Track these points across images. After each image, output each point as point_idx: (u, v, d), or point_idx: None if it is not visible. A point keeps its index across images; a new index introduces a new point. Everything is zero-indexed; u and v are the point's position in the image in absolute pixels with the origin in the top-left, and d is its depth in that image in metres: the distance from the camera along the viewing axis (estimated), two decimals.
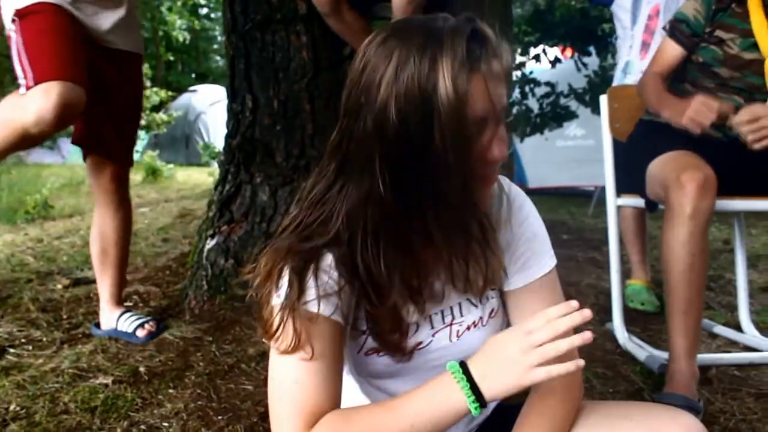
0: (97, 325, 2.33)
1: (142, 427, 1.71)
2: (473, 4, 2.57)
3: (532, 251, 1.03)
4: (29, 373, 1.97)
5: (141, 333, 2.23)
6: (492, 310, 1.05)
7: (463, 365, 0.86)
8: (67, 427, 1.68)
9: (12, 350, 2.14)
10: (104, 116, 2.17)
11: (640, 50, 2.88)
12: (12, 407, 1.77)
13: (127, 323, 2.26)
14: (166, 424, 1.72)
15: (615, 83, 3.06)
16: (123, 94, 2.22)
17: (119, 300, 2.37)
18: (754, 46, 2.08)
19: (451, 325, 1.02)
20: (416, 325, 1.00)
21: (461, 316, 1.03)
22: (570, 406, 1.00)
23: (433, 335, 1.02)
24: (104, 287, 2.34)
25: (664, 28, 2.31)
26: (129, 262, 3.24)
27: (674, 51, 2.21)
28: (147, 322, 2.27)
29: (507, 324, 1.09)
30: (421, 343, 1.01)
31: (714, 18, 2.14)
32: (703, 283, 1.90)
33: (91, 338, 2.22)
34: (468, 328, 1.03)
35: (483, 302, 1.04)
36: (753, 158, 1.99)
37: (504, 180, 1.03)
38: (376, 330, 0.96)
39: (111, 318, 2.30)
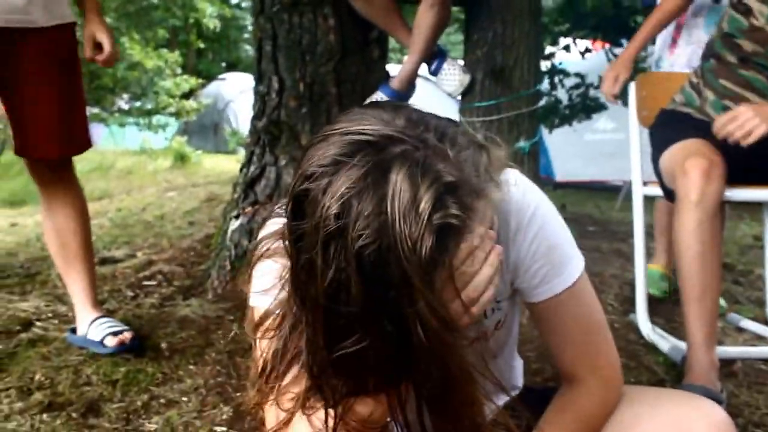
0: (74, 331, 2.07)
1: (162, 400, 1.73)
2: None
3: (551, 264, 0.93)
4: (54, 345, 2.00)
5: (110, 342, 1.93)
6: (498, 322, 1.02)
7: None
8: (89, 398, 1.71)
9: (38, 323, 2.18)
10: (23, 108, 1.90)
11: (669, 45, 2.84)
12: (37, 377, 1.80)
13: (98, 330, 1.98)
14: (185, 398, 1.74)
15: None
16: (46, 77, 1.90)
17: (94, 302, 2.09)
18: None
19: None
20: None
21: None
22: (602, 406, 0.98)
23: None
24: (74, 287, 2.07)
25: None
26: (154, 244, 3.31)
27: None
28: (122, 332, 1.97)
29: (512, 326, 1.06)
30: None
31: None
32: (717, 270, 1.86)
33: (115, 313, 2.24)
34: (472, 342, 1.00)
35: (488, 316, 0.99)
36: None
37: (511, 185, 0.83)
38: None
39: (85, 322, 2.03)
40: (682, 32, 2.79)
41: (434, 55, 2.49)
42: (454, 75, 2.49)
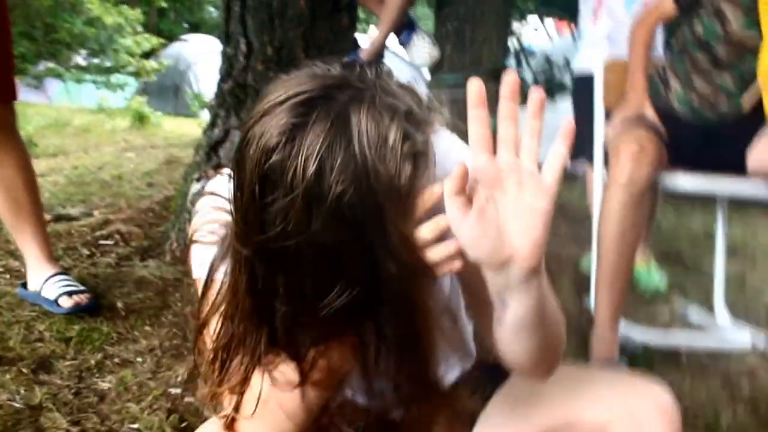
0: (24, 286, 2.01)
1: (116, 360, 1.72)
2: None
3: None
4: (6, 299, 1.96)
5: (66, 303, 1.90)
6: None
7: None
8: (41, 355, 1.68)
9: None
10: None
11: (591, 17, 2.88)
12: None
13: (53, 288, 1.93)
14: (140, 359, 1.73)
15: (576, 51, 3.09)
16: None
17: (49, 256, 2.03)
18: (756, 26, 1.99)
19: None
20: None
21: None
22: None
23: None
24: (26, 242, 2.00)
25: None
26: (111, 203, 3.25)
27: (670, 8, 2.21)
28: (78, 292, 1.93)
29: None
30: None
31: None
32: (633, 253, 1.98)
33: (70, 271, 2.19)
34: None
35: None
36: (734, 143, 2.06)
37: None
38: None
39: (38, 278, 1.96)
40: (602, 3, 2.83)
41: (404, 26, 2.48)
42: (423, 47, 2.49)
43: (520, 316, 0.76)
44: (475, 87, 0.68)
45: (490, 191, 0.69)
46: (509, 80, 0.69)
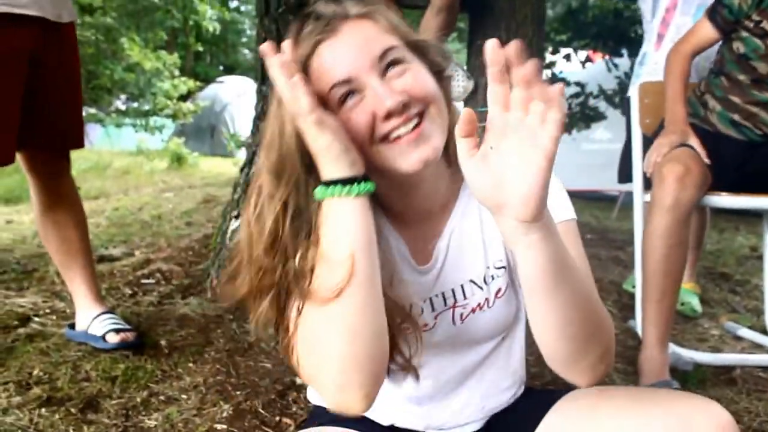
0: (72, 327, 2.05)
1: (161, 397, 1.72)
2: (505, 2, 2.55)
3: (552, 202, 0.92)
4: (53, 341, 1.99)
5: (113, 338, 1.93)
6: (498, 290, 1.03)
7: None
8: (88, 394, 1.69)
9: (37, 319, 2.17)
10: (42, 99, 1.85)
11: (655, 42, 2.85)
12: (35, 372, 1.79)
13: (101, 325, 1.97)
14: (184, 396, 1.73)
15: (633, 76, 3.04)
16: (59, 69, 1.90)
17: (97, 296, 2.08)
18: None
19: (453, 308, 1.02)
20: (419, 307, 1.00)
21: (464, 298, 1.02)
22: None
23: (435, 318, 1.01)
24: (76, 282, 2.06)
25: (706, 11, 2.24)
26: (152, 243, 3.30)
27: (709, 34, 2.18)
28: (125, 330, 1.97)
29: (516, 305, 1.07)
30: (426, 325, 1.00)
31: (761, 3, 2.06)
32: (679, 274, 1.96)
33: (114, 310, 2.23)
34: (473, 310, 1.02)
35: (487, 282, 1.02)
36: None
37: None
38: None
39: (87, 318, 2.01)
40: (669, 28, 2.80)
41: None
42: (457, 80, 2.49)
43: (526, 274, 0.81)
44: (492, 46, 0.71)
45: (497, 141, 0.74)
46: (511, 47, 0.72)
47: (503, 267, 1.03)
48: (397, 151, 0.87)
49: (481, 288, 1.02)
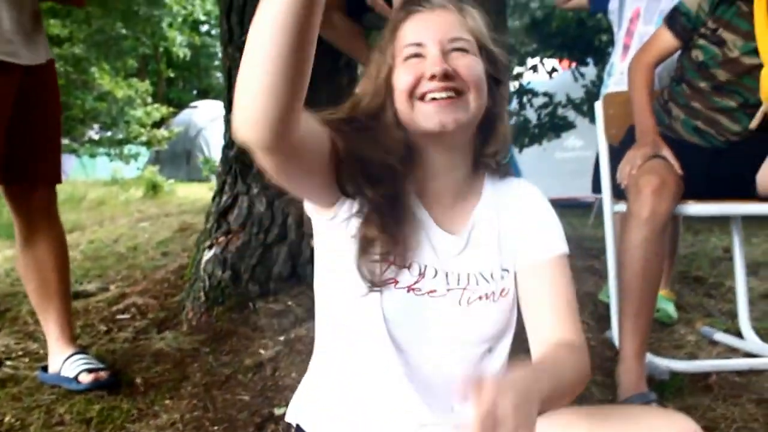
0: (45, 369, 2.02)
1: None
2: None
3: (541, 234, 1.13)
4: (25, 384, 1.97)
5: (85, 378, 1.90)
6: (503, 290, 1.11)
7: None
8: None
9: (9, 362, 2.14)
10: (22, 137, 1.88)
11: (621, 53, 2.89)
12: (7, 419, 1.76)
13: (73, 366, 1.94)
14: None
15: (602, 87, 3.09)
16: (39, 108, 1.94)
17: (71, 337, 2.06)
18: (755, 51, 2.04)
19: (464, 289, 1.09)
20: (434, 270, 1.08)
21: (476, 285, 1.10)
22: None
23: (447, 290, 1.08)
24: (50, 323, 2.03)
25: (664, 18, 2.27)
26: (127, 276, 3.27)
27: (669, 42, 2.21)
28: (98, 370, 1.94)
29: (511, 313, 1.14)
30: (435, 291, 1.07)
31: (715, 11, 2.10)
32: (656, 286, 1.97)
33: (88, 349, 2.20)
34: (480, 297, 1.10)
35: (495, 279, 1.11)
36: (743, 162, 2.08)
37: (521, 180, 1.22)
38: (380, 215, 1.03)
39: (59, 360, 1.98)
40: (633, 38, 2.84)
41: None
42: None
43: None
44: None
45: None
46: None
47: (511, 273, 1.13)
48: (426, 110, 1.03)
49: (488, 282, 1.11)
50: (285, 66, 0.78)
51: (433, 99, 1.02)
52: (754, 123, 2.10)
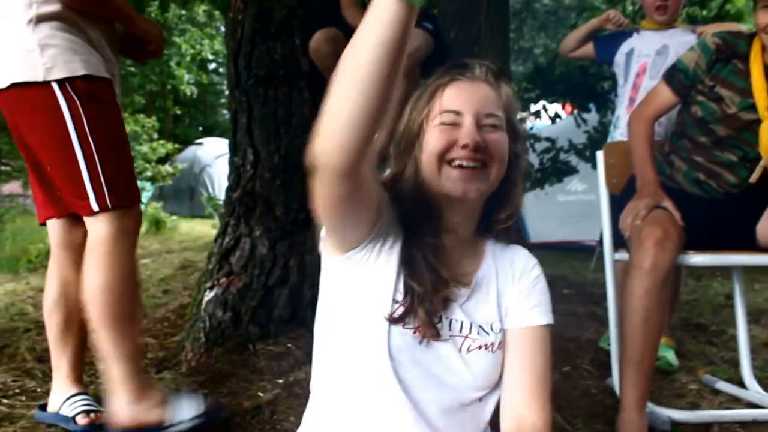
0: (43, 407, 1.99)
1: None
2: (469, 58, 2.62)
3: (540, 303, 1.22)
4: (21, 424, 1.95)
5: (82, 420, 1.89)
6: (500, 342, 1.18)
7: None
8: None
9: (5, 401, 2.12)
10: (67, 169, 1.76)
11: (627, 105, 2.94)
12: None
13: (72, 407, 1.92)
14: None
15: (608, 138, 3.12)
16: (31, 137, 1.80)
17: (79, 377, 2.01)
18: (752, 107, 2.08)
19: (465, 337, 1.15)
20: (439, 315, 1.12)
21: (477, 335, 1.16)
22: None
23: (449, 336, 1.13)
24: (64, 360, 1.98)
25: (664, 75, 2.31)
26: None
27: (668, 98, 2.24)
28: (97, 412, 1.92)
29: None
30: (439, 335, 1.12)
31: (712, 69, 2.15)
32: (658, 337, 1.97)
33: (87, 388, 2.18)
34: (479, 347, 1.15)
35: (494, 330, 1.18)
36: (743, 214, 2.10)
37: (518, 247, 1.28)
38: (413, 275, 1.10)
39: (60, 399, 1.95)
40: (639, 92, 2.89)
41: None
42: None
43: None
44: None
45: None
46: None
47: (503, 327, 1.20)
48: (453, 175, 1.11)
49: (488, 334, 1.17)
50: (376, 88, 0.84)
51: (460, 166, 1.11)
52: (754, 177, 2.13)
